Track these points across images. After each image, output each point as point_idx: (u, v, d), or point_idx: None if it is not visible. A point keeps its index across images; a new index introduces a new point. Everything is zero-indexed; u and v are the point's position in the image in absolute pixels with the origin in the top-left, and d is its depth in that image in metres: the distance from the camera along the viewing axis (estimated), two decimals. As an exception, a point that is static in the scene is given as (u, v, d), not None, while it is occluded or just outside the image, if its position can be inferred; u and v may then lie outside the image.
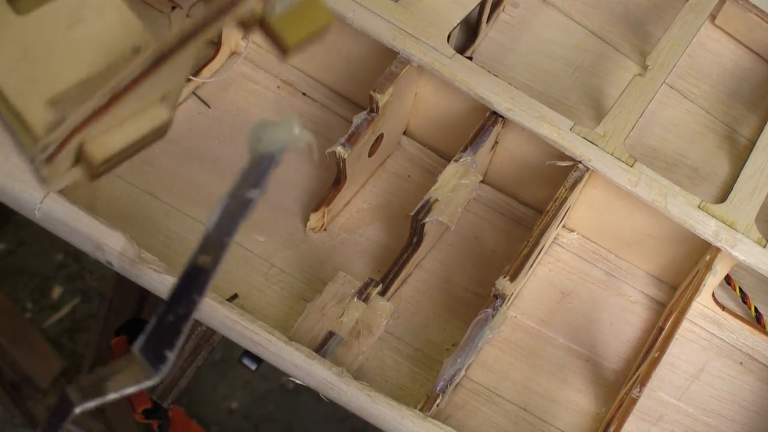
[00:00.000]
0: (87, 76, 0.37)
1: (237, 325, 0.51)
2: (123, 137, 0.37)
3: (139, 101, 0.37)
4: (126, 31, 0.39)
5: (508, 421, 0.57)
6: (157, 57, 0.35)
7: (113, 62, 0.37)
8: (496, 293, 0.54)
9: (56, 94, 0.36)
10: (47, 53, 0.37)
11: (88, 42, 0.38)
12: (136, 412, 0.86)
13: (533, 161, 0.61)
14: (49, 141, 0.34)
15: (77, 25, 0.38)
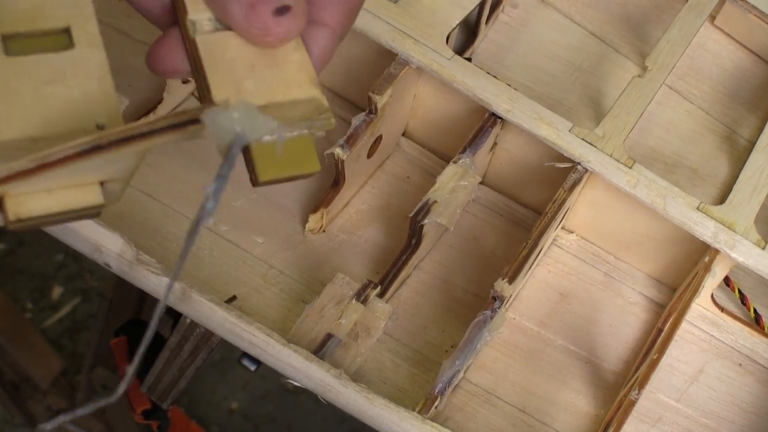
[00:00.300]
0: (41, 135, 0.36)
1: (235, 327, 0.51)
2: (46, 205, 0.36)
3: (71, 178, 0.36)
4: (98, 106, 0.38)
5: (506, 422, 0.57)
6: (93, 146, 0.34)
7: (73, 131, 0.37)
8: (494, 295, 0.54)
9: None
10: (13, 98, 0.37)
11: (57, 103, 0.37)
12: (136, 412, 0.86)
13: (532, 162, 0.61)
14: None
15: (56, 83, 0.38)
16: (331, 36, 0.43)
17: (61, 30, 0.39)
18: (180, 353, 0.65)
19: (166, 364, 0.69)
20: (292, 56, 0.41)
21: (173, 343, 0.65)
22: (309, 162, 0.41)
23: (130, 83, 0.62)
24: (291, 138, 0.40)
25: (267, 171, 0.40)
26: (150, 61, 0.42)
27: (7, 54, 0.38)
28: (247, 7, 0.39)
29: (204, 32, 0.41)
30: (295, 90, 0.41)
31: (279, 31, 0.40)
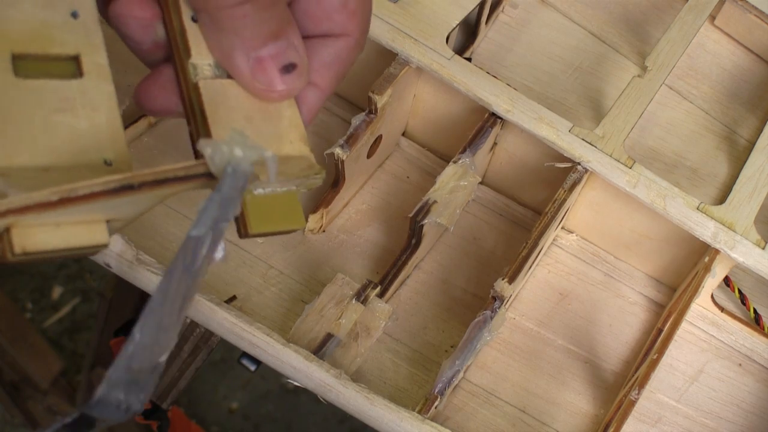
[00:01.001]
0: (48, 165, 0.35)
1: (235, 327, 0.51)
2: (52, 240, 0.35)
3: (84, 214, 0.35)
4: (106, 141, 0.37)
5: (506, 422, 0.57)
6: (124, 185, 0.34)
7: (80, 164, 0.36)
8: (494, 295, 0.54)
9: (9, 167, 0.35)
10: (23, 124, 0.36)
11: (65, 133, 0.36)
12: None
13: (532, 162, 0.61)
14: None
15: (65, 112, 0.37)
16: (320, 96, 0.43)
17: (70, 57, 0.39)
18: (180, 353, 0.65)
19: (166, 364, 0.69)
20: (285, 112, 0.41)
21: (173, 343, 0.65)
22: (296, 218, 0.41)
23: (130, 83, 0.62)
24: (281, 192, 0.40)
25: (258, 224, 0.40)
26: (140, 98, 0.41)
27: (16, 75, 0.37)
28: (254, 61, 0.39)
29: (205, 77, 0.40)
30: (288, 146, 0.41)
31: (282, 89, 0.40)
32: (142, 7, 0.40)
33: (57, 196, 0.33)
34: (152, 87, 0.41)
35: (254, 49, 0.39)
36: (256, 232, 0.40)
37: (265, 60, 0.39)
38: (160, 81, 0.41)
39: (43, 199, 0.33)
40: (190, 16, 0.40)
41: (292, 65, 0.40)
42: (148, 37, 0.41)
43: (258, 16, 0.38)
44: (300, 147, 0.41)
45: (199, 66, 0.40)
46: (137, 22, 0.40)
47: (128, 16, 0.40)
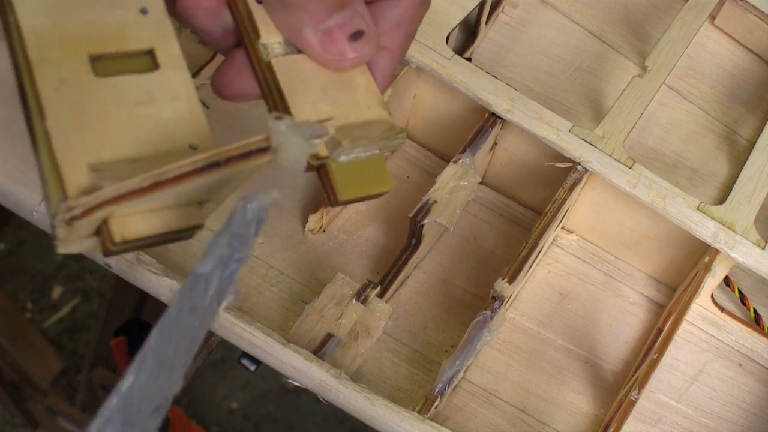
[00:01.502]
0: (136, 156, 0.36)
1: (235, 327, 0.51)
2: (149, 226, 0.36)
3: (177, 198, 0.36)
4: (189, 127, 0.38)
5: (506, 422, 0.57)
6: (211, 162, 0.34)
7: (166, 151, 0.37)
8: (494, 295, 0.54)
9: (99, 162, 0.35)
10: (107, 120, 0.37)
11: (150, 124, 0.37)
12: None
13: (532, 162, 0.61)
14: (77, 204, 0.33)
15: (146, 104, 0.38)
16: (391, 59, 0.43)
17: (145, 51, 0.39)
18: (180, 353, 0.65)
19: (166, 364, 0.69)
20: (359, 79, 0.42)
21: (173, 343, 0.65)
22: (383, 181, 0.41)
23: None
24: (365, 158, 0.41)
25: (346, 190, 0.40)
26: (218, 86, 0.42)
27: (95, 75, 0.38)
28: (322, 33, 0.40)
29: (276, 55, 0.41)
30: (366, 111, 0.41)
31: (354, 57, 0.40)
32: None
33: (148, 181, 0.33)
34: (228, 74, 0.42)
35: (321, 22, 0.39)
36: (346, 199, 0.40)
37: (333, 30, 0.40)
38: (234, 67, 0.42)
39: (135, 185, 0.33)
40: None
41: (359, 32, 0.40)
42: (217, 25, 0.42)
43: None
44: (378, 111, 0.42)
45: (270, 45, 0.41)
46: (205, 12, 0.41)
47: (195, 8, 0.41)
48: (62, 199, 0.34)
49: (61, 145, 0.35)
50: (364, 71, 0.42)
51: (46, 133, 0.35)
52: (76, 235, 0.35)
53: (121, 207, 0.34)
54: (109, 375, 1.03)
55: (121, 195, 0.34)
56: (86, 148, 0.35)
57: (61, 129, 0.35)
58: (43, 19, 0.38)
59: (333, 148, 0.39)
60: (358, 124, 0.41)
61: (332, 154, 0.40)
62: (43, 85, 0.36)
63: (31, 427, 1.35)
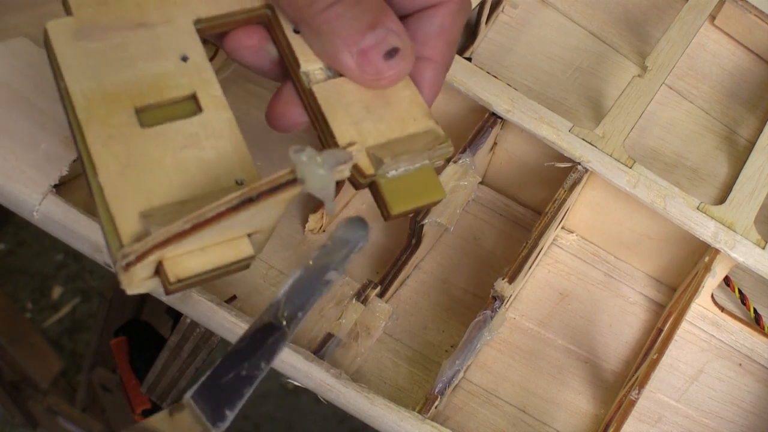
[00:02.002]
0: (186, 198, 0.38)
1: (236, 327, 0.51)
2: (202, 263, 0.37)
3: (223, 234, 0.37)
4: (234, 163, 0.40)
5: (506, 422, 0.57)
6: (244, 200, 0.36)
7: (214, 191, 0.38)
8: (494, 295, 0.54)
9: (149, 208, 0.37)
10: (155, 168, 0.38)
11: (196, 166, 0.39)
12: (136, 412, 0.86)
13: (532, 162, 0.61)
14: (131, 251, 0.35)
15: (191, 147, 0.39)
16: (436, 69, 0.44)
17: (188, 96, 0.41)
18: (180, 353, 0.65)
19: (166, 364, 0.69)
20: (403, 93, 0.43)
21: (173, 343, 0.65)
22: (435, 190, 0.42)
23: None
24: (414, 170, 0.42)
25: (397, 204, 0.41)
26: (270, 120, 0.44)
27: (142, 126, 0.39)
28: (358, 55, 0.40)
29: (318, 81, 0.42)
30: (411, 124, 0.42)
31: (391, 74, 0.41)
32: (249, 36, 0.43)
33: (189, 223, 0.35)
34: (277, 106, 0.43)
35: (355, 44, 0.40)
36: (398, 213, 0.41)
37: (367, 51, 0.40)
38: (283, 98, 0.43)
39: (178, 229, 0.35)
40: (292, 29, 0.42)
41: (394, 50, 0.41)
42: (263, 59, 0.43)
43: (350, 12, 0.40)
44: (424, 122, 0.42)
45: (311, 72, 0.42)
46: (249, 51, 0.43)
47: (240, 48, 0.43)
48: (118, 247, 0.36)
49: (113, 196, 0.37)
50: (408, 84, 0.43)
51: (100, 187, 0.38)
52: (138, 278, 0.37)
53: (170, 249, 0.36)
54: (109, 375, 1.03)
55: (167, 239, 0.35)
56: (137, 197, 0.37)
57: (112, 182, 0.38)
58: (89, 81, 0.40)
59: (377, 166, 0.41)
60: (402, 138, 0.42)
61: (378, 171, 0.41)
62: (92, 142, 0.38)
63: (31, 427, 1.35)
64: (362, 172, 0.41)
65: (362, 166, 0.41)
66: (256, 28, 0.43)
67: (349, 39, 0.40)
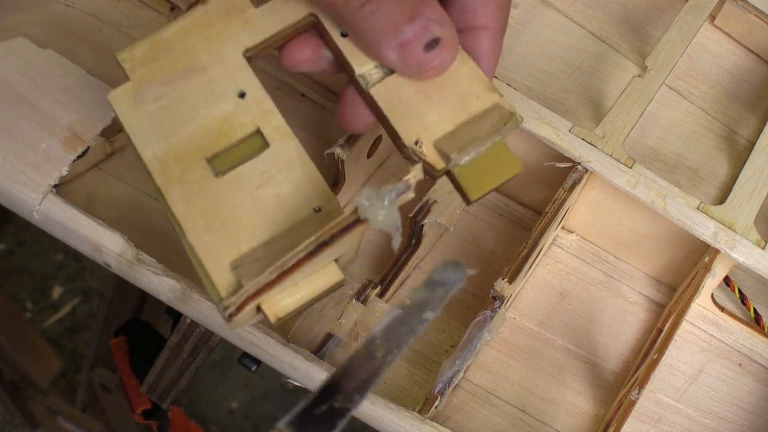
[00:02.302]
0: (270, 237, 0.39)
1: (235, 326, 0.51)
2: (296, 300, 0.39)
3: (309, 270, 0.39)
4: (309, 190, 0.40)
5: (506, 422, 0.57)
6: (320, 244, 0.37)
7: (294, 224, 0.39)
8: (494, 295, 0.54)
9: (239, 257, 0.39)
10: (237, 214, 0.39)
11: (273, 202, 0.40)
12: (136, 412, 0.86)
13: (532, 162, 0.61)
14: (230, 304, 0.37)
15: (267, 185, 0.40)
16: (492, 36, 0.43)
17: (253, 133, 0.41)
18: (180, 353, 0.65)
19: (166, 364, 0.69)
20: (461, 71, 0.42)
21: (173, 343, 0.65)
22: (510, 165, 0.42)
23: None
24: (486, 149, 0.41)
25: (476, 188, 0.41)
26: (342, 125, 0.44)
27: (216, 175, 0.40)
28: (399, 49, 0.40)
29: (375, 81, 0.42)
30: (476, 102, 0.42)
31: (435, 65, 0.41)
32: (301, 50, 0.43)
33: (275, 273, 0.37)
34: (345, 111, 0.43)
35: (394, 38, 0.40)
36: (478, 197, 0.42)
37: (408, 44, 0.40)
38: (348, 102, 0.43)
39: (266, 280, 0.37)
40: (339, 34, 0.43)
41: (435, 40, 0.40)
42: (321, 65, 0.44)
43: (386, 6, 0.39)
44: (488, 97, 0.42)
45: (366, 73, 0.42)
46: (307, 62, 0.43)
47: (298, 63, 0.43)
48: (219, 300, 0.38)
49: (204, 252, 0.39)
50: (465, 60, 0.42)
51: (191, 247, 0.39)
52: (243, 320, 0.39)
53: (264, 296, 0.38)
54: (109, 375, 1.03)
55: (258, 290, 0.37)
56: (226, 248, 0.39)
57: (200, 239, 0.39)
58: (159, 143, 0.41)
59: (446, 161, 0.41)
60: (468, 121, 0.41)
61: (450, 164, 0.41)
62: (174, 203, 0.40)
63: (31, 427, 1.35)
64: (433, 167, 0.41)
65: (432, 162, 0.41)
66: (308, 37, 0.43)
67: (388, 34, 0.40)
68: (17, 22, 0.61)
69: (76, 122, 0.54)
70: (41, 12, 0.63)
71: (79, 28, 0.63)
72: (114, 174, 0.59)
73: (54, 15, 0.63)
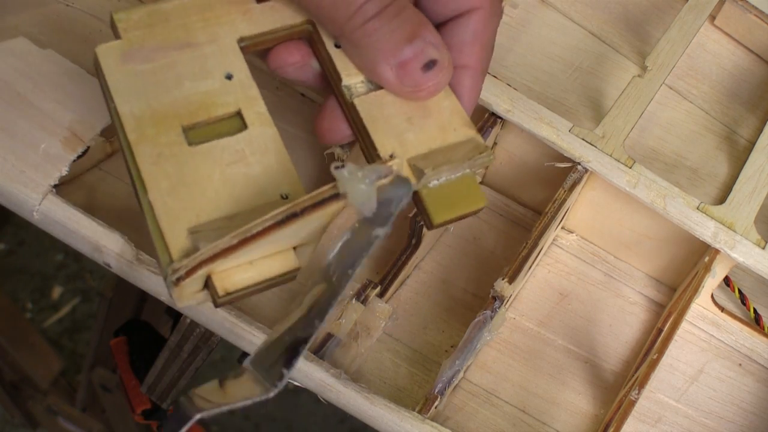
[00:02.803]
0: (232, 213, 0.39)
1: (235, 326, 0.51)
2: (249, 277, 0.39)
3: (269, 248, 0.38)
4: (279, 177, 0.40)
5: (506, 422, 0.57)
6: (289, 215, 0.37)
7: (260, 205, 0.39)
8: (494, 295, 0.54)
9: (198, 224, 0.38)
10: (203, 184, 0.39)
11: (242, 181, 0.40)
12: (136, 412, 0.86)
13: (532, 162, 0.61)
14: (180, 266, 0.36)
15: (238, 163, 0.40)
16: (473, 75, 0.44)
17: (233, 114, 0.42)
18: (180, 353, 0.65)
19: (166, 364, 0.69)
20: (443, 102, 0.44)
21: (173, 343, 0.65)
22: (475, 199, 0.43)
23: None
24: (455, 179, 0.42)
25: (440, 214, 0.42)
26: (319, 136, 0.45)
27: (189, 144, 0.40)
28: (396, 68, 0.41)
29: (360, 94, 0.43)
30: (452, 134, 0.43)
31: (430, 86, 0.42)
32: (291, 53, 0.44)
33: (237, 238, 0.36)
34: (323, 121, 0.44)
35: (394, 57, 0.41)
36: (440, 222, 0.42)
37: (406, 63, 0.41)
38: (328, 114, 0.44)
39: (226, 244, 0.36)
40: (333, 44, 0.43)
41: (432, 62, 0.41)
42: (307, 74, 0.44)
43: (388, 26, 0.40)
44: (465, 131, 0.43)
45: (352, 86, 0.43)
46: (293, 68, 0.44)
47: (285, 66, 0.44)
48: (169, 262, 0.37)
49: (163, 213, 0.38)
50: (448, 94, 0.44)
51: (150, 205, 0.39)
52: (188, 291, 0.38)
53: (218, 264, 0.37)
54: (109, 375, 1.03)
55: (216, 254, 0.37)
56: (186, 213, 0.38)
57: (162, 199, 0.39)
58: (138, 102, 0.41)
59: (419, 176, 0.41)
60: (443, 148, 0.42)
61: (420, 182, 0.41)
62: (142, 161, 0.39)
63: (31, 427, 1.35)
64: None
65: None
66: (298, 44, 0.44)
67: (388, 52, 0.41)
68: (17, 22, 0.61)
69: (76, 122, 0.54)
70: (41, 12, 0.63)
71: (79, 28, 0.63)
72: (114, 174, 0.59)
73: (54, 15, 0.63)
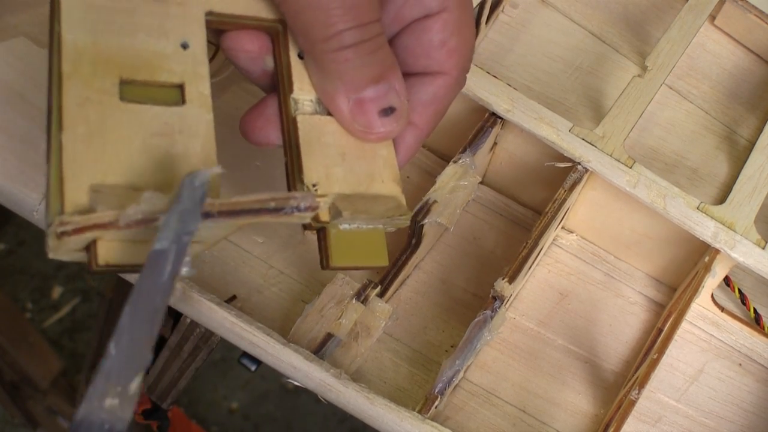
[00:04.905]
0: (140, 184, 0.37)
1: (235, 326, 0.51)
2: (132, 255, 0.37)
3: None
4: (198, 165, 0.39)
5: (506, 422, 0.57)
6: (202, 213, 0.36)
7: (169, 186, 0.37)
8: (494, 295, 0.54)
9: (101, 183, 0.36)
10: (121, 145, 0.37)
11: (160, 156, 0.38)
12: (135, 412, 0.86)
13: (532, 162, 0.61)
14: (69, 221, 0.35)
15: (163, 137, 0.38)
16: (418, 135, 0.44)
17: (175, 85, 0.40)
18: (180, 353, 0.65)
19: (166, 364, 0.69)
20: (381, 152, 0.43)
21: (173, 343, 0.65)
22: (379, 256, 0.42)
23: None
24: (366, 229, 0.42)
25: (340, 258, 0.41)
26: (245, 130, 0.43)
27: (121, 99, 0.38)
28: (354, 103, 0.40)
29: (305, 113, 0.42)
30: (379, 185, 0.42)
31: (381, 131, 0.41)
32: (251, 41, 0.42)
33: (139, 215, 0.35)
34: (257, 119, 0.43)
35: (355, 92, 0.40)
36: (337, 265, 0.41)
37: (365, 103, 0.40)
38: (265, 113, 0.43)
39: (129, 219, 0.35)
40: (297, 53, 0.42)
41: (391, 108, 0.40)
42: (257, 67, 0.43)
43: (360, 60, 0.39)
44: (391, 187, 0.42)
45: (300, 101, 0.42)
46: (246, 55, 0.42)
47: (237, 50, 0.42)
48: (59, 212, 0.35)
49: (70, 159, 0.36)
50: (388, 145, 0.43)
51: (60, 145, 0.36)
52: (67, 248, 0.36)
53: (104, 234, 0.35)
54: (109, 375, 1.03)
55: (111, 222, 0.35)
56: (94, 168, 0.36)
57: (74, 144, 0.36)
58: (85, 34, 0.38)
59: (334, 215, 0.40)
60: (367, 196, 0.41)
61: (333, 221, 0.41)
62: (68, 98, 0.37)
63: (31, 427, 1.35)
64: (318, 217, 0.41)
65: (320, 213, 0.41)
66: (261, 35, 0.43)
67: (351, 85, 0.40)
68: (17, 22, 0.61)
69: (76, 122, 0.53)
70: (41, 12, 0.63)
71: (79, 28, 0.63)
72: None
73: (54, 15, 0.63)
